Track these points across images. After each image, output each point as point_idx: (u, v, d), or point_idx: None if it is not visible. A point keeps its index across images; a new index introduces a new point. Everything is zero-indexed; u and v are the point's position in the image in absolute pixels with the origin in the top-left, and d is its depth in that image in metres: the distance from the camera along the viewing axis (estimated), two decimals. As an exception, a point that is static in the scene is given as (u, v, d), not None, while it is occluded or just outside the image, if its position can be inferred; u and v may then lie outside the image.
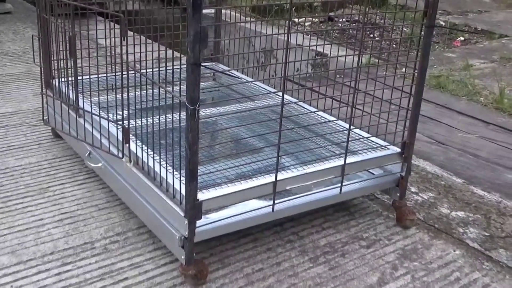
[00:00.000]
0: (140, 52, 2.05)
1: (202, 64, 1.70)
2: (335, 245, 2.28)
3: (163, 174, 2.03)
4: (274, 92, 2.96)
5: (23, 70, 4.33)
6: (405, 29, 5.33)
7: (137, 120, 2.36)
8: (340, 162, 2.24)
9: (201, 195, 1.92)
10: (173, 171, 2.01)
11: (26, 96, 3.76)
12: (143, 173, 2.16)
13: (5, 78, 4.12)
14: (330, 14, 5.95)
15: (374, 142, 2.47)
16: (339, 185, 2.26)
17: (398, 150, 2.39)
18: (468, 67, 4.93)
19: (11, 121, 3.33)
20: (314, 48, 4.57)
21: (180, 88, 1.83)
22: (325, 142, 2.58)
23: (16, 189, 2.57)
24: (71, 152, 2.92)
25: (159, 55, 2.20)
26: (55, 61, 2.69)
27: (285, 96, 2.01)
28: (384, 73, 3.13)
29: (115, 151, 2.30)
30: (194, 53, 1.66)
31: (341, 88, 2.43)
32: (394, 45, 5.44)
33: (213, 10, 3.79)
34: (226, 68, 3.46)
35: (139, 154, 2.18)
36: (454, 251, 2.30)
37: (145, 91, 2.13)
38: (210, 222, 1.99)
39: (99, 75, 2.73)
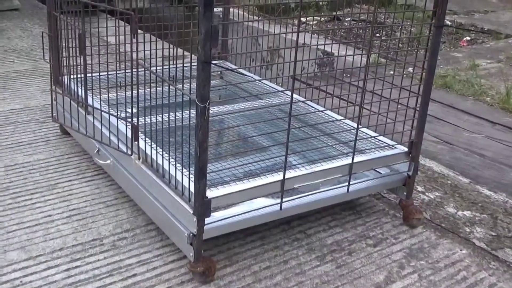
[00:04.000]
0: (150, 50, 2.06)
1: (212, 62, 1.71)
2: (342, 243, 2.29)
3: (172, 172, 2.04)
4: (282, 91, 2.97)
5: (31, 67, 4.35)
6: (412, 29, 5.33)
7: (146, 117, 2.37)
8: (348, 161, 2.25)
9: (210, 193, 1.93)
10: (182, 169, 2.02)
11: (33, 93, 3.77)
12: (152, 171, 2.18)
13: (13, 74, 4.14)
14: (337, 13, 5.95)
15: (381, 141, 2.48)
16: (347, 184, 2.27)
17: (406, 149, 2.40)
18: (475, 67, 4.93)
19: (19, 118, 3.35)
20: (321, 47, 4.58)
21: (190, 85, 1.85)
22: (333, 141, 2.59)
23: (25, 186, 2.59)
24: (79, 149, 2.94)
25: (169, 53, 2.21)
26: (65, 58, 2.70)
27: (293, 95, 2.02)
28: (392, 72, 3.13)
29: (124, 148, 2.32)
30: (205, 51, 1.67)
31: (348, 88, 2.44)
32: (401, 45, 5.44)
33: (220, 9, 3.80)
34: (233, 66, 3.47)
35: (148, 151, 2.20)
36: (461, 250, 2.30)
37: (154, 89, 2.14)
38: (219, 219, 2.00)
39: (108, 73, 2.74)
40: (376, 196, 2.67)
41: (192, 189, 1.91)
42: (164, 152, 2.13)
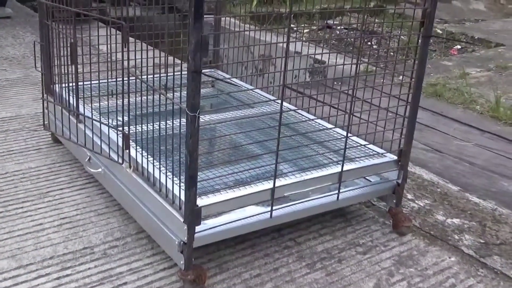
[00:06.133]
0: (141, 58, 2.07)
1: (203, 72, 1.73)
2: (332, 251, 2.31)
3: (163, 180, 2.05)
4: (273, 100, 2.99)
5: (23, 75, 4.35)
6: (403, 37, 5.38)
7: (137, 126, 2.39)
8: (338, 169, 2.27)
9: (200, 201, 1.94)
10: (172, 177, 2.03)
11: (25, 101, 3.78)
12: (142, 179, 2.19)
13: (5, 83, 4.14)
14: (329, 21, 5.99)
15: (371, 149, 2.50)
16: (337, 192, 2.28)
17: (395, 157, 2.42)
18: (465, 75, 4.97)
19: (11, 126, 3.35)
20: (312, 55, 4.61)
21: (180, 94, 1.86)
22: (323, 149, 2.61)
23: (15, 194, 2.59)
24: (70, 157, 2.94)
25: (160, 61, 2.23)
26: (56, 67, 2.71)
27: (284, 103, 2.04)
28: (382, 81, 3.16)
29: (115, 157, 2.33)
30: (195, 61, 1.68)
31: (339, 96, 2.46)
32: (392, 53, 5.48)
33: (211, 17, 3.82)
34: (225, 75, 3.49)
35: (139, 160, 2.21)
36: (450, 257, 2.32)
37: (145, 97, 2.16)
38: (209, 227, 2.02)
39: (100, 81, 2.75)
40: (366, 204, 2.69)
41: (182, 198, 1.92)
42: (155, 161, 2.14)
